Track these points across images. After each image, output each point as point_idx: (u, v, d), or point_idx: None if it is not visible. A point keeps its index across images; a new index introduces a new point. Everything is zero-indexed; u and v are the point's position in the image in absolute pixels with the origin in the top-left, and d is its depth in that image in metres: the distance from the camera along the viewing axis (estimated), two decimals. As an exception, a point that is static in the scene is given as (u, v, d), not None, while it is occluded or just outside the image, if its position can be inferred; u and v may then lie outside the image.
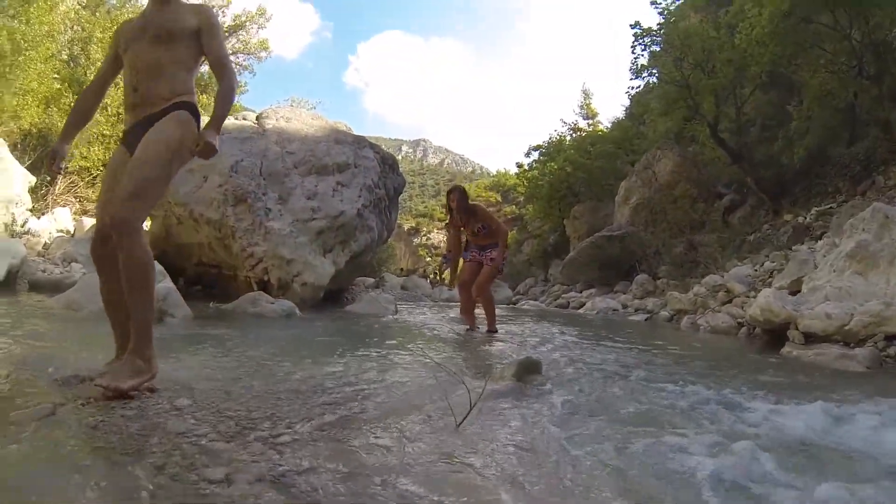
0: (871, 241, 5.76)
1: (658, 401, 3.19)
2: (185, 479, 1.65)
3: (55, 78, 14.79)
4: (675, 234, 15.76)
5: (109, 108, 15.60)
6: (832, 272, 6.12)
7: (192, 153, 2.83)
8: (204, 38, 2.96)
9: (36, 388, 2.40)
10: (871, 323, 5.20)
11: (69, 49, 16.94)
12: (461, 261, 6.94)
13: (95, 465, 1.69)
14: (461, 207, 6.57)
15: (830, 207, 11.80)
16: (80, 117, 3.05)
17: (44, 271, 8.35)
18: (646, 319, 10.37)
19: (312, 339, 5.04)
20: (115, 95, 15.50)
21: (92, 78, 3.91)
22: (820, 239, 9.37)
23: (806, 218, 12.09)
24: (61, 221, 12.55)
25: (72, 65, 16.55)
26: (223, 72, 2.97)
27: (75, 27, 17.23)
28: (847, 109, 13.36)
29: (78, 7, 18.05)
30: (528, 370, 3.50)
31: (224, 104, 2.93)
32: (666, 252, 14.83)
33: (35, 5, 13.19)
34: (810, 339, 5.57)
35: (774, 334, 6.20)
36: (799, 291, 6.55)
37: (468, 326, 6.73)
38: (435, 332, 6.77)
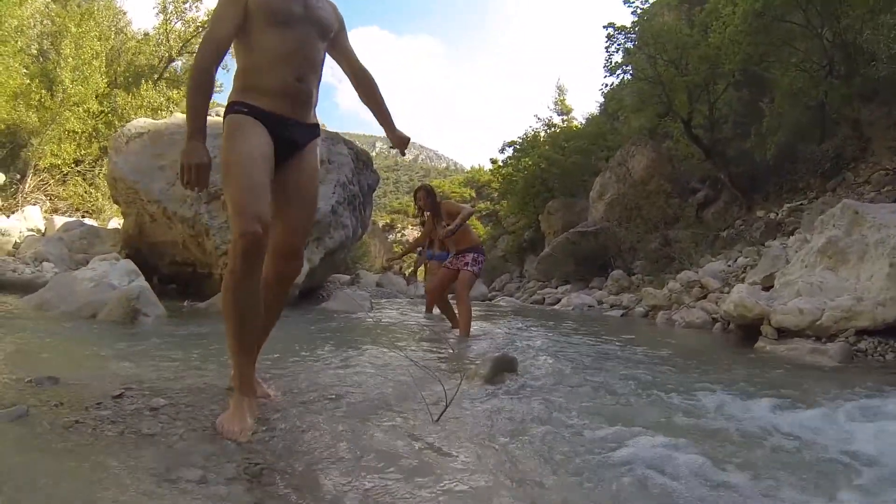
0: (841, 237, 5.85)
1: (630, 398, 3.23)
2: (161, 478, 1.63)
3: (24, 73, 14.54)
4: (649, 229, 15.91)
5: (82, 107, 15.31)
6: (804, 267, 6.21)
7: (393, 149, 2.98)
8: (344, 40, 2.81)
9: (9, 389, 2.36)
10: (842, 318, 5.29)
11: (39, 43, 16.65)
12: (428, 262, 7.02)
13: (70, 465, 1.66)
14: (429, 205, 6.58)
15: (801, 204, 12.00)
16: (209, 100, 2.47)
17: (14, 271, 8.20)
18: (622, 315, 10.46)
19: (288, 337, 5.00)
20: (84, 92, 15.22)
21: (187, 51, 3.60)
22: (792, 234, 9.52)
23: (778, 214, 12.27)
24: (32, 220, 12.35)
25: (41, 60, 16.27)
26: (366, 70, 2.88)
27: (45, 21, 16.94)
28: (817, 108, 13.56)
29: (48, 0, 17.74)
30: (503, 367, 3.51)
31: (384, 101, 2.94)
32: (641, 248, 14.97)
33: (3, 0, 12.96)
34: (783, 333, 5.66)
35: (748, 329, 6.28)
36: (772, 287, 6.64)
37: (449, 324, 6.72)
38: (411, 329, 6.75)
